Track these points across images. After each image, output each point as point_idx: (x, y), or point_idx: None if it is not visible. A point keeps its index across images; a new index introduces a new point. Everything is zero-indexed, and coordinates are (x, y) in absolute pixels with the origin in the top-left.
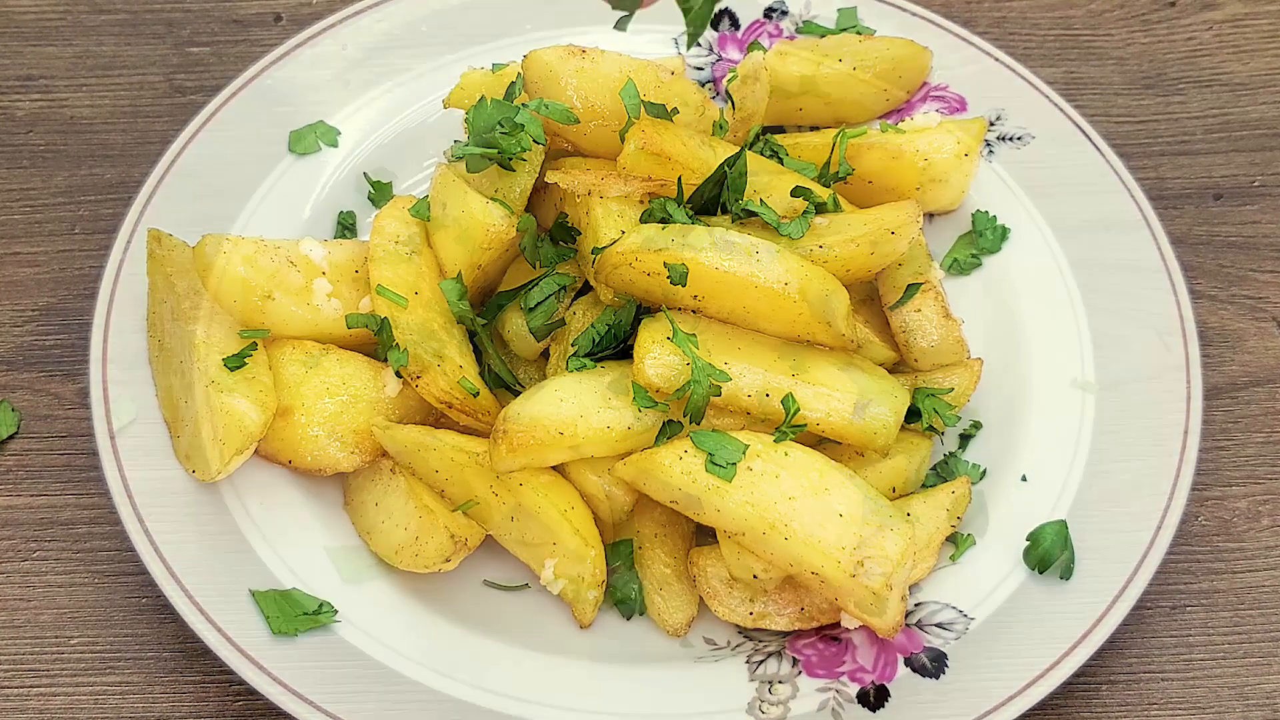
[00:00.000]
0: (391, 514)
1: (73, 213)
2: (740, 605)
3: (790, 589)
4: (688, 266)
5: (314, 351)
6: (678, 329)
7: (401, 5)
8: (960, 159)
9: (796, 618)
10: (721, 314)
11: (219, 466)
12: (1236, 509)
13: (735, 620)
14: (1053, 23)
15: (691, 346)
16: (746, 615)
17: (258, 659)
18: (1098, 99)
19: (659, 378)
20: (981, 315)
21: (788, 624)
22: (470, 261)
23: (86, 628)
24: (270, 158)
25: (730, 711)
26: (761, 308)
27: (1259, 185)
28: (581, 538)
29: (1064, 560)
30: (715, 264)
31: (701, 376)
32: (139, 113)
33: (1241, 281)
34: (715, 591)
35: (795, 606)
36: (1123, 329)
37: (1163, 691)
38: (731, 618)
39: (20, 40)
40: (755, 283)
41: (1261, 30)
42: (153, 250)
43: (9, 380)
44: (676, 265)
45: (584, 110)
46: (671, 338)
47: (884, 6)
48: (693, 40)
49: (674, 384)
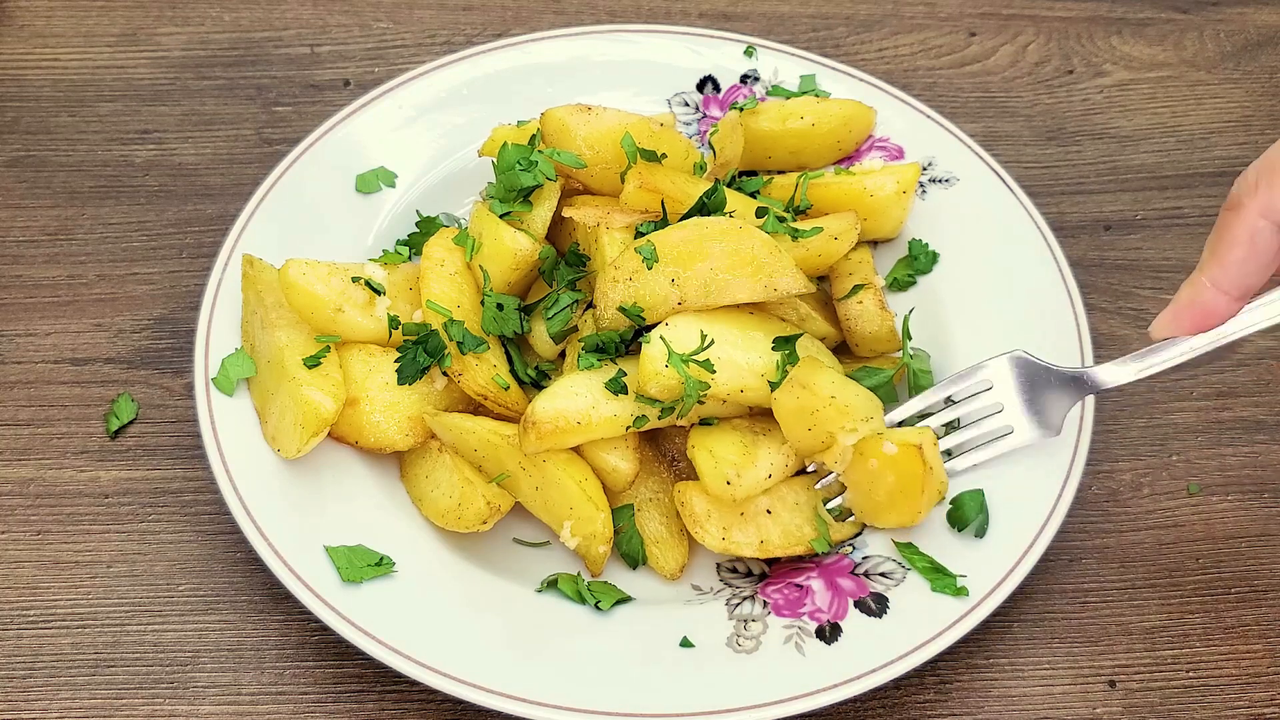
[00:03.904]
0: (439, 485)
1: (181, 241)
2: (716, 530)
3: (753, 524)
4: (653, 244)
5: (376, 353)
6: (673, 352)
7: (446, 73)
8: (899, 196)
9: (757, 548)
10: (700, 294)
11: (299, 446)
12: (1122, 480)
13: (709, 543)
14: (974, 87)
15: (684, 366)
16: (719, 539)
17: (330, 602)
18: (1010, 149)
19: (659, 393)
20: (915, 320)
21: (750, 551)
22: (501, 280)
23: (192, 576)
24: (340, 196)
25: (714, 644)
26: (726, 260)
27: (1141, 219)
28: (593, 503)
29: (979, 521)
30: (674, 235)
31: (692, 390)
32: (234, 160)
33: (1127, 297)
34: (696, 516)
35: (756, 538)
36: (1030, 333)
37: (1063, 627)
38: (708, 541)
39: (139, 101)
40: (706, 230)
41: (1143, 93)
42: (246, 271)
43: (129, 376)
44: (645, 247)
45: (591, 156)
46: (668, 363)
47: (837, 73)
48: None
49: (672, 395)
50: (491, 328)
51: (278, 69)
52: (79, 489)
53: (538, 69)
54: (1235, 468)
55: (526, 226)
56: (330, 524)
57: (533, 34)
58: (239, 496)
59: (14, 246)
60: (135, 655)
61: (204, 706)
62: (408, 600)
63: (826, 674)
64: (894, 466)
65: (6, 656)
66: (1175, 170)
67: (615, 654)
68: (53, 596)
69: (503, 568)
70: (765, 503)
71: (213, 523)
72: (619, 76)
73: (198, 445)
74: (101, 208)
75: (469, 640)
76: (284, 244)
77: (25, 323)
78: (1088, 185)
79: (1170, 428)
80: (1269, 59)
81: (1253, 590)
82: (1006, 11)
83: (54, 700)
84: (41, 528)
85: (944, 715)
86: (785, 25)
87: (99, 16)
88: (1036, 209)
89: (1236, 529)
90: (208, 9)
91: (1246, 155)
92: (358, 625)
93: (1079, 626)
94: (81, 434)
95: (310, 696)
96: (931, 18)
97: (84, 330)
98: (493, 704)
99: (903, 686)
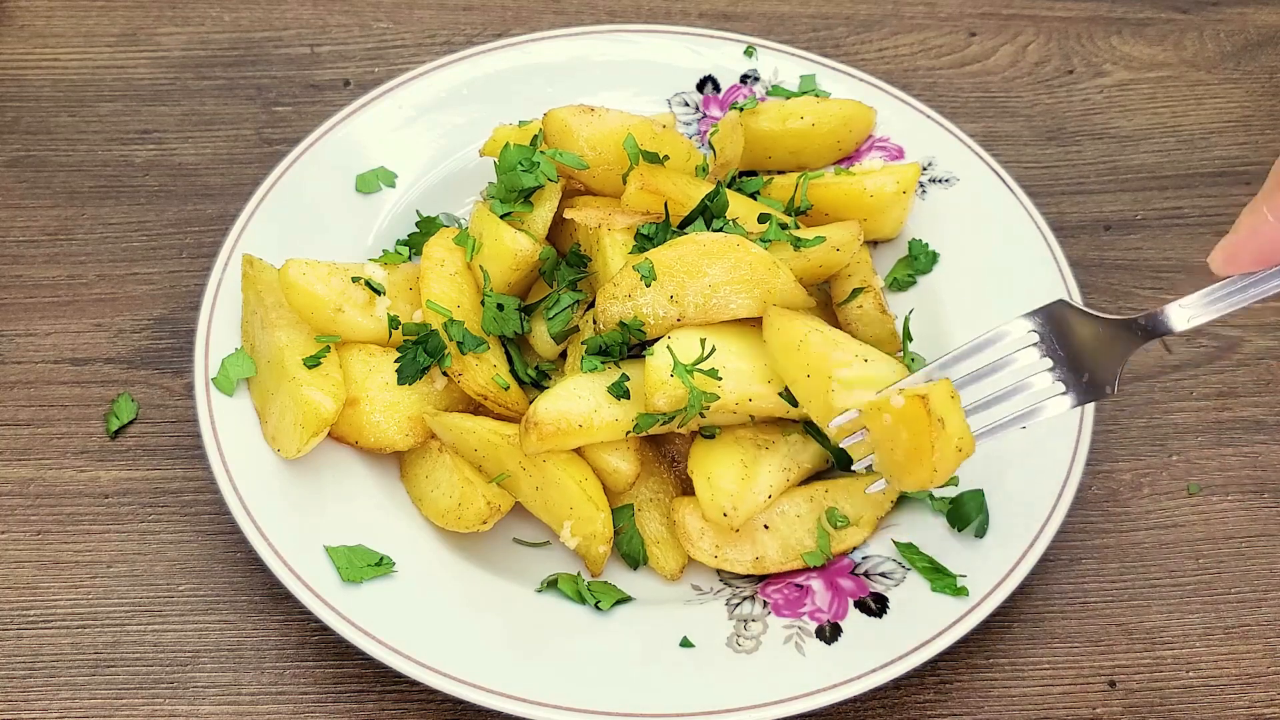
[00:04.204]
0: (439, 485)
1: (181, 240)
2: (709, 547)
3: (749, 541)
4: (651, 261)
5: (376, 353)
6: (678, 362)
7: (446, 73)
8: (899, 196)
9: (751, 565)
10: (699, 311)
11: (299, 446)
12: (1122, 480)
13: (703, 560)
14: (974, 86)
15: (688, 376)
16: (712, 557)
17: (330, 602)
18: (1010, 149)
19: (666, 404)
20: (915, 321)
21: (744, 569)
22: (502, 280)
23: (192, 576)
24: (340, 196)
25: (714, 644)
26: (724, 277)
27: (1140, 218)
28: (593, 504)
29: (979, 521)
30: (671, 252)
31: (695, 401)
32: (234, 160)
33: (1126, 297)
34: (689, 534)
35: (751, 555)
36: None
37: (1063, 627)
38: (701, 557)
39: (139, 101)
40: (704, 247)
41: (1142, 93)
42: (246, 271)
43: (129, 376)
44: (643, 265)
45: (593, 157)
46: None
47: (837, 73)
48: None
49: (679, 405)
50: (492, 328)
51: (278, 69)
52: (79, 489)
53: (538, 69)
54: (1235, 468)
55: (527, 227)
56: (330, 524)
57: (533, 34)
58: (239, 496)
59: (14, 246)
60: (135, 655)
61: (204, 706)
62: (408, 600)
63: (826, 674)
64: (905, 421)
65: (6, 656)
66: (1175, 170)
67: (615, 654)
68: (53, 596)
69: (503, 568)
70: (763, 518)
71: (213, 523)
72: (619, 76)
73: (198, 445)
74: (101, 208)
75: (469, 640)
76: (284, 244)
77: (25, 323)
78: (1088, 185)
79: (1170, 428)
80: (1269, 59)
81: (1253, 590)
82: (1006, 11)
83: (54, 700)
84: (41, 528)
85: (944, 715)
86: (785, 25)
87: (99, 16)
88: (1036, 209)
89: (1236, 529)
90: (208, 9)
91: (1246, 155)
92: (358, 625)
93: (1079, 626)
94: (81, 434)
95: (310, 696)
96: (931, 18)
97: (84, 330)
98: (493, 704)
99: (903, 686)
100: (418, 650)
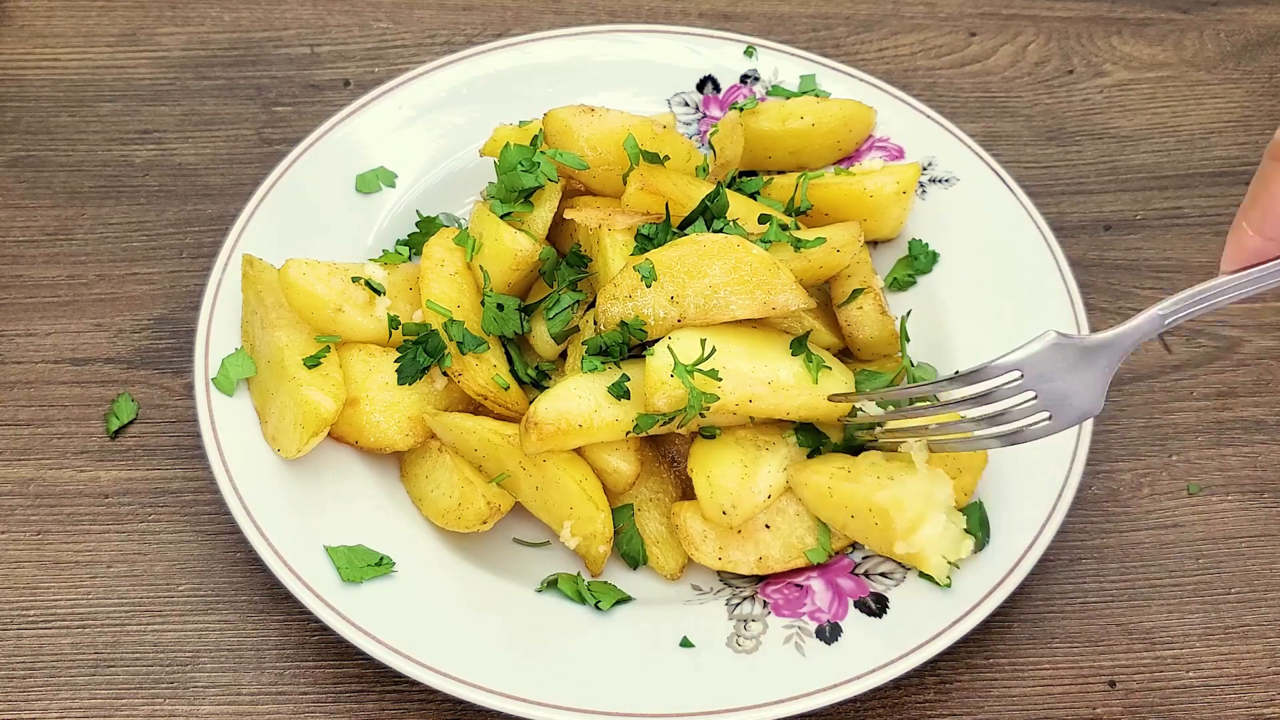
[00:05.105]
0: (439, 485)
1: (181, 240)
2: (712, 550)
3: (751, 542)
4: (651, 262)
5: (376, 353)
6: (678, 362)
7: (446, 73)
8: (899, 196)
9: (755, 565)
10: (700, 312)
11: (299, 446)
12: (1122, 480)
13: (706, 562)
14: (974, 86)
15: (689, 377)
16: (716, 559)
17: (330, 602)
18: (1010, 149)
19: (667, 405)
20: (914, 321)
21: (748, 569)
22: (502, 280)
23: (192, 576)
24: (340, 196)
25: (714, 644)
26: (725, 278)
27: (1140, 218)
28: (593, 504)
29: (980, 539)
30: (671, 253)
31: (695, 402)
32: (234, 160)
33: (1127, 296)
34: (691, 538)
35: (754, 555)
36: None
37: (1063, 627)
38: (704, 560)
39: (139, 101)
40: (704, 248)
41: (1142, 93)
42: (246, 271)
43: (129, 376)
44: (643, 265)
45: (593, 158)
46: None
47: (837, 73)
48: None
49: (680, 406)
50: (492, 328)
51: (278, 69)
52: (79, 489)
53: (538, 69)
54: (1235, 468)
55: (527, 227)
56: (330, 524)
57: (533, 34)
58: (239, 496)
59: (14, 246)
60: (135, 655)
61: (204, 706)
62: (408, 600)
63: (826, 674)
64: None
65: (6, 656)
66: (1175, 170)
67: (615, 654)
68: (53, 596)
69: (503, 568)
70: (764, 518)
71: (213, 523)
72: (619, 77)
73: (198, 445)
74: (101, 208)
75: (469, 640)
76: (284, 244)
77: (25, 323)
78: (1088, 185)
79: (1170, 428)
80: (1269, 59)
81: (1253, 590)
82: (1006, 11)
83: (54, 700)
84: (41, 528)
85: (944, 715)
86: (785, 25)
87: (99, 16)
88: (1036, 209)
89: (1236, 529)
90: (208, 9)
91: (1246, 155)
92: (358, 625)
93: (1079, 626)
94: (81, 434)
95: (310, 696)
96: (931, 18)
97: (84, 330)
98: (493, 704)
99: (903, 686)
100: (418, 650)
